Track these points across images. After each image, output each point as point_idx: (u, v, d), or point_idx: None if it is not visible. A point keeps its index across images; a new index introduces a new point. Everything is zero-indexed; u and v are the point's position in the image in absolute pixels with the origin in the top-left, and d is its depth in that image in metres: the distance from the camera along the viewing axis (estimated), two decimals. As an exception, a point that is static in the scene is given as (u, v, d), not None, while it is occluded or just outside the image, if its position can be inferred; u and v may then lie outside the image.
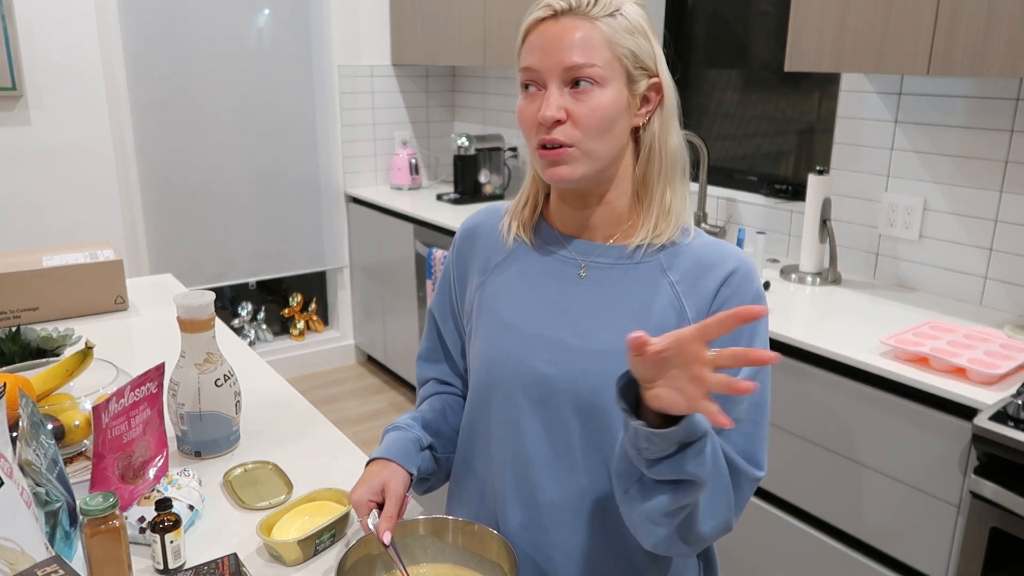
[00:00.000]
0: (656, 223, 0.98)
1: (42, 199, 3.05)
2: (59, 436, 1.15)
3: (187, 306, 1.18)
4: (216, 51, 3.34)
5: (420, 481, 1.09)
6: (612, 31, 0.91)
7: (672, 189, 0.99)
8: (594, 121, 0.92)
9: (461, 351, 1.15)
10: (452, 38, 3.31)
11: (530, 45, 0.94)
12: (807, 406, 1.78)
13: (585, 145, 0.93)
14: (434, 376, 1.18)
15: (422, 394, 1.19)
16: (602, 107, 0.92)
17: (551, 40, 0.91)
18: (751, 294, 0.95)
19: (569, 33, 0.91)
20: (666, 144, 0.98)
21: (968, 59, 1.62)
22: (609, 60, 0.91)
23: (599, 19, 0.91)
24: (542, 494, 1.00)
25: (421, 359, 1.20)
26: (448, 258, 1.15)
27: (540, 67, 0.92)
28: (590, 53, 0.91)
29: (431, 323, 1.18)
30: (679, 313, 0.96)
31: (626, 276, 0.98)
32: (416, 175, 3.78)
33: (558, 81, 0.92)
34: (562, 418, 0.98)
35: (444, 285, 1.16)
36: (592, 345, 0.96)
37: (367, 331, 3.89)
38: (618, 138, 0.95)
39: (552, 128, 0.92)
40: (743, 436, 0.93)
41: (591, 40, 0.91)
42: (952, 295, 2.07)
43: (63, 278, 1.87)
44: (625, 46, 0.92)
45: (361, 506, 0.97)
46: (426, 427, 1.10)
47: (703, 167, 2.61)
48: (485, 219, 1.12)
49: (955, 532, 1.56)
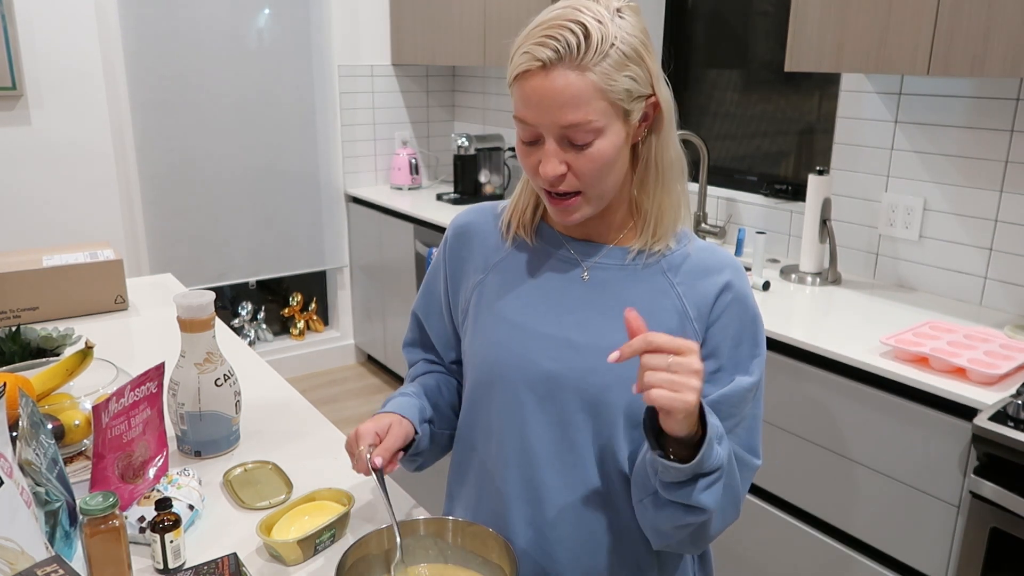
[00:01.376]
0: (654, 229, 0.99)
1: (42, 199, 3.05)
2: (59, 436, 1.15)
3: (187, 306, 1.18)
4: (216, 51, 3.34)
5: (412, 457, 1.09)
6: (605, 77, 0.87)
7: (669, 196, 0.99)
8: (596, 169, 0.91)
9: (449, 344, 1.16)
10: (452, 38, 3.31)
11: (522, 96, 0.90)
12: (807, 406, 1.78)
13: (591, 192, 0.94)
14: (422, 358, 1.20)
15: (413, 372, 1.20)
16: (603, 155, 0.91)
17: (543, 98, 0.87)
18: (748, 301, 0.99)
19: (560, 90, 0.86)
20: (663, 157, 0.97)
21: (968, 59, 1.62)
22: (603, 109, 0.88)
23: (590, 67, 0.86)
24: (547, 491, 1.01)
25: (407, 345, 1.22)
26: (438, 256, 1.15)
27: (535, 123, 0.90)
28: (583, 109, 0.87)
29: (415, 321, 1.19)
30: (681, 314, 0.97)
31: (629, 278, 1.00)
32: (416, 175, 3.78)
33: (555, 137, 0.90)
34: (568, 415, 0.98)
35: (432, 283, 1.16)
36: (599, 342, 0.97)
37: (367, 331, 3.89)
38: (621, 168, 0.95)
39: (556, 182, 0.92)
40: (745, 431, 0.98)
41: (583, 95, 0.87)
42: (952, 295, 2.07)
43: (63, 278, 1.87)
44: (620, 88, 0.88)
45: (366, 435, 0.98)
46: (428, 397, 1.12)
47: (703, 167, 2.61)
48: (477, 217, 1.12)
49: (955, 532, 1.56)
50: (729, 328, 0.97)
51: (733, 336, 0.97)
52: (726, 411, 0.96)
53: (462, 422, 1.10)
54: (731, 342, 0.97)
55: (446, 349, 1.16)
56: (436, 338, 1.16)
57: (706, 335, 0.97)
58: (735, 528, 1.98)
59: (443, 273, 1.13)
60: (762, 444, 1.01)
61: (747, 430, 0.98)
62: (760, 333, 0.99)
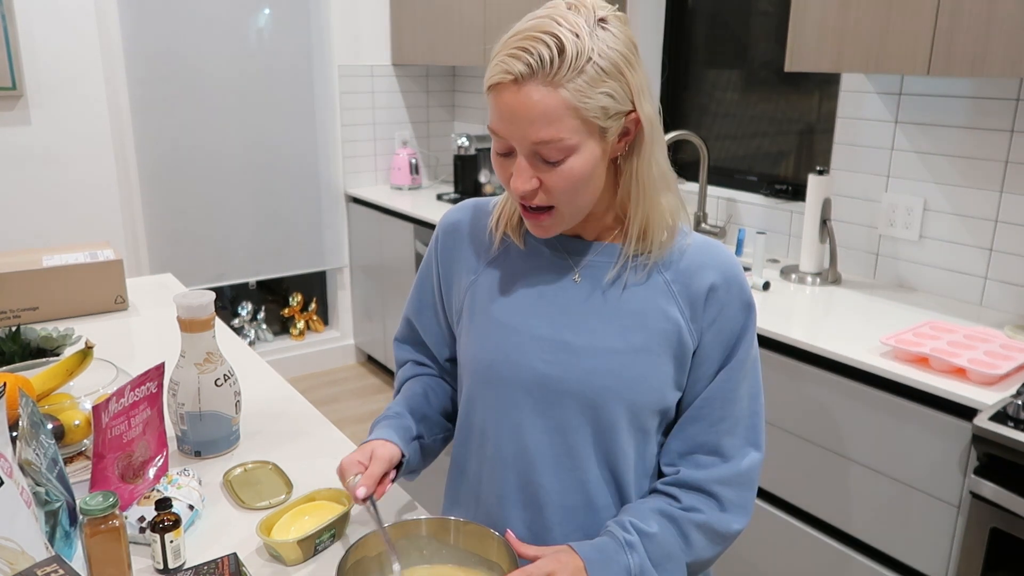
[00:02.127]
0: (641, 235, 0.97)
1: (42, 199, 3.05)
2: (59, 436, 1.15)
3: (187, 306, 1.18)
4: (216, 50, 3.34)
5: (408, 474, 1.09)
6: (578, 95, 0.84)
7: (656, 209, 0.95)
8: (568, 186, 0.89)
9: (444, 342, 1.15)
10: (452, 38, 3.31)
11: (494, 108, 0.88)
12: (807, 406, 1.78)
13: (564, 207, 0.92)
14: (411, 358, 1.18)
15: (401, 375, 1.18)
16: (574, 173, 0.88)
17: (514, 113, 0.85)
18: (743, 297, 0.98)
19: (531, 106, 0.84)
20: (646, 174, 0.93)
21: (968, 59, 1.62)
22: (576, 128, 0.86)
23: (562, 84, 0.83)
24: (545, 494, 1.00)
25: (398, 340, 1.21)
26: (429, 254, 1.13)
27: (506, 136, 0.88)
28: (555, 126, 0.85)
29: (406, 319, 1.19)
30: (677, 312, 0.97)
31: (621, 277, 0.99)
32: (416, 175, 3.78)
33: (526, 152, 0.88)
34: (566, 417, 0.98)
35: (424, 281, 1.14)
36: (595, 344, 0.97)
37: (367, 331, 3.89)
38: (597, 185, 0.93)
39: (528, 196, 0.91)
40: (747, 428, 0.99)
41: (555, 112, 0.84)
42: (952, 295, 2.07)
43: (63, 278, 1.87)
44: (595, 105, 0.85)
45: (350, 466, 0.98)
46: (412, 414, 1.10)
47: (703, 167, 2.61)
48: (467, 215, 1.10)
49: (955, 532, 1.56)
50: (724, 326, 0.97)
51: (728, 334, 0.97)
52: (722, 408, 0.97)
53: (459, 423, 1.10)
54: (725, 339, 0.97)
55: (440, 347, 1.16)
56: (429, 336, 1.15)
57: (701, 333, 0.97)
58: (735, 528, 1.98)
59: (435, 271, 1.12)
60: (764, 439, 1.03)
61: (750, 428, 0.99)
62: (754, 328, 1.00)
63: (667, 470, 1.01)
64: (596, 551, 0.92)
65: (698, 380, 0.98)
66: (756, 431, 1.00)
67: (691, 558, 0.97)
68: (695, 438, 0.99)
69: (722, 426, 0.98)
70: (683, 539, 0.96)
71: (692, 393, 0.99)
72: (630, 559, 0.91)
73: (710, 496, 0.98)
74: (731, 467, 0.98)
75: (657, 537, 0.94)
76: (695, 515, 0.96)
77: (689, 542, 0.96)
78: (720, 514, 0.98)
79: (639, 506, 0.98)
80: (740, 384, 0.98)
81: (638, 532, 0.94)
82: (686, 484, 0.98)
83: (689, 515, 0.96)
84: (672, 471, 1.00)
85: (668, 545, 0.94)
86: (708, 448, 0.98)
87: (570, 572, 0.89)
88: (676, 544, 0.95)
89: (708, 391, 0.98)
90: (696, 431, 0.99)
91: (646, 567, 0.92)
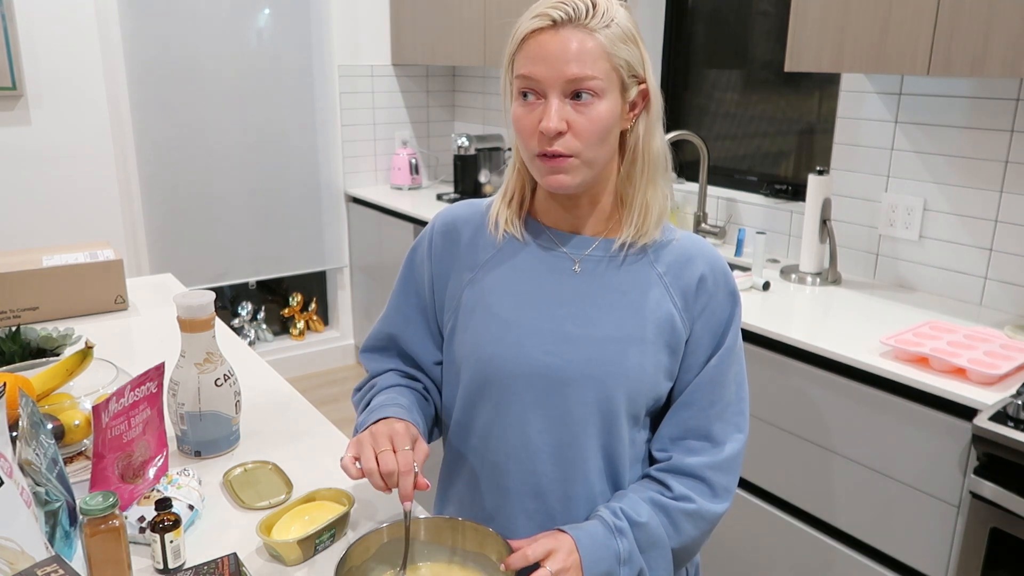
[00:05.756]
0: (640, 221, 1.01)
1: (42, 199, 3.06)
2: (59, 436, 1.15)
3: (187, 306, 1.18)
4: (216, 50, 3.34)
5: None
6: (609, 41, 0.92)
7: (654, 188, 1.01)
8: (594, 132, 0.94)
9: (431, 347, 1.12)
10: (452, 38, 3.31)
11: (528, 54, 0.94)
12: (806, 406, 1.78)
13: (585, 155, 0.95)
14: (392, 368, 1.14)
15: (382, 383, 1.12)
16: (602, 118, 0.94)
17: (552, 52, 0.92)
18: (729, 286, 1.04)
19: (569, 45, 0.91)
20: (650, 147, 1.00)
21: (968, 59, 1.63)
22: (607, 71, 0.93)
23: (597, 30, 0.92)
24: (548, 484, 1.02)
25: (371, 351, 1.17)
26: (419, 255, 1.12)
27: (541, 78, 0.93)
28: (590, 65, 0.91)
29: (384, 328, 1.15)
30: (670, 303, 1.01)
31: (618, 269, 1.02)
32: (416, 175, 3.78)
33: (559, 92, 0.93)
34: (567, 408, 0.99)
35: (407, 289, 1.12)
36: (595, 333, 0.99)
37: (367, 331, 3.87)
38: (612, 145, 0.98)
39: (554, 139, 0.94)
40: (735, 413, 1.04)
41: (591, 52, 0.91)
42: (952, 295, 2.07)
43: (63, 278, 1.87)
44: (621, 56, 0.94)
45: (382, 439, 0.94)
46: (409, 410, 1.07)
47: (703, 167, 2.61)
48: (463, 214, 1.10)
49: (955, 532, 1.56)
50: (713, 315, 1.02)
51: (717, 322, 1.02)
52: (712, 394, 1.02)
53: (456, 423, 1.10)
54: (714, 328, 1.02)
55: (429, 353, 1.13)
56: (416, 346, 1.12)
57: (692, 322, 1.02)
58: (734, 526, 1.98)
59: (427, 272, 1.11)
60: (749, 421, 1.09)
61: (735, 412, 1.04)
62: (739, 316, 1.04)
63: (659, 455, 1.04)
64: (587, 535, 0.95)
65: (689, 368, 1.03)
66: (743, 415, 1.05)
67: (677, 544, 1.00)
68: (686, 423, 1.03)
69: (712, 411, 1.02)
70: (672, 527, 0.99)
71: (684, 381, 1.03)
72: (619, 544, 0.95)
73: (702, 481, 1.01)
74: (721, 452, 1.02)
75: (646, 526, 0.97)
76: (686, 504, 1.00)
77: (678, 530, 1.00)
78: (710, 500, 1.01)
79: (630, 494, 1.01)
80: (728, 370, 1.03)
81: (628, 520, 0.97)
82: (678, 470, 1.01)
83: (680, 504, 1.00)
84: (664, 456, 1.03)
85: (656, 533, 0.98)
86: (699, 433, 1.02)
87: (567, 551, 0.92)
88: (664, 532, 0.99)
89: (699, 378, 1.02)
90: (687, 416, 1.02)
91: (634, 552, 0.96)
